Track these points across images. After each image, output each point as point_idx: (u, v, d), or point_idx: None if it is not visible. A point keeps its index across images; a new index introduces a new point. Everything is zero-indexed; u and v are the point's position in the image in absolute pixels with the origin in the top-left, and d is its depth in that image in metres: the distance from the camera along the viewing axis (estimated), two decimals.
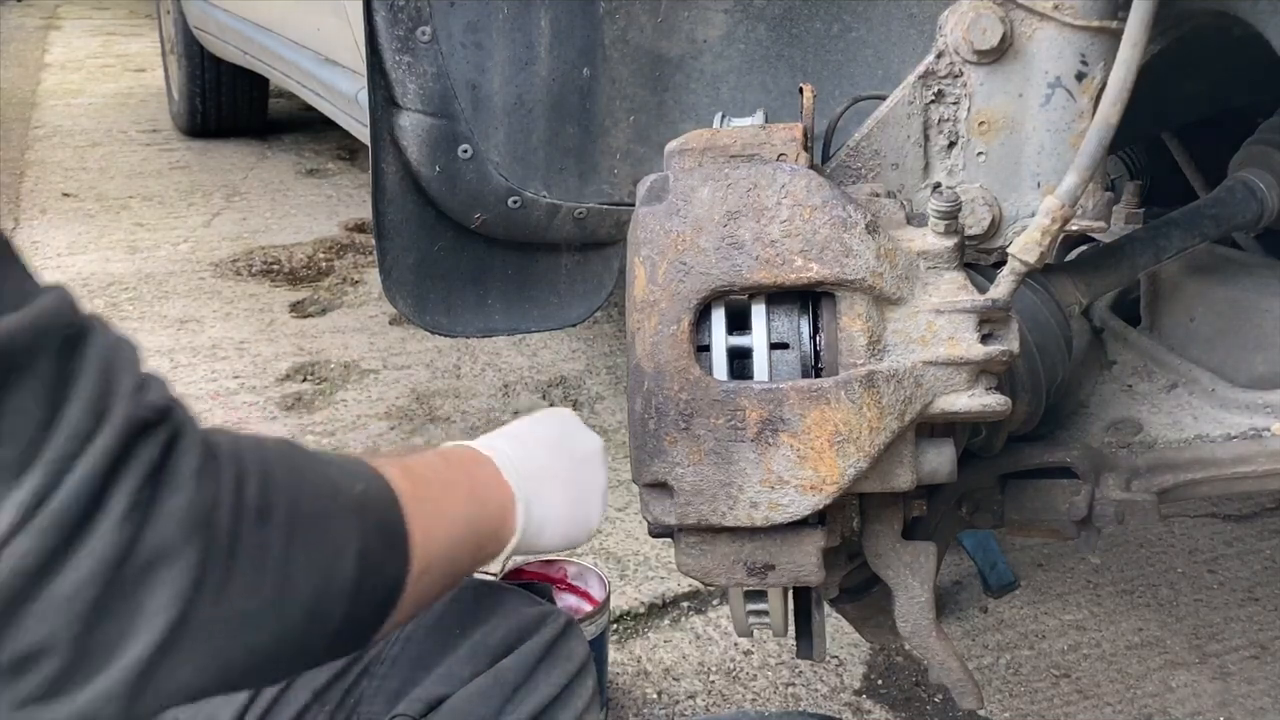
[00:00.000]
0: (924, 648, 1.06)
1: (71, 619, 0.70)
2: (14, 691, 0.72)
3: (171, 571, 0.72)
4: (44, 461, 0.68)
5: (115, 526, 0.70)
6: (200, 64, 4.99)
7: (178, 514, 0.73)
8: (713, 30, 1.51)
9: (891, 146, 1.12)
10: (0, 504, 0.67)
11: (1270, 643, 2.07)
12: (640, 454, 0.96)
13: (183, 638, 0.74)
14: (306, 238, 4.12)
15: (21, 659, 0.70)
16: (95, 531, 0.70)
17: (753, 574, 0.97)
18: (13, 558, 0.67)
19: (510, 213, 1.52)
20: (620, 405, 2.92)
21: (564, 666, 1.15)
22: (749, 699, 1.91)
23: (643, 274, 0.94)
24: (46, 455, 0.69)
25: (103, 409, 0.71)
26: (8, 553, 0.67)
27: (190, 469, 0.74)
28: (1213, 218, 1.33)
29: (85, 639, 0.71)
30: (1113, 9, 1.07)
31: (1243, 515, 2.46)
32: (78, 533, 0.69)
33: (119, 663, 0.72)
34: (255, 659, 0.80)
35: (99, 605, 0.70)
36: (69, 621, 0.70)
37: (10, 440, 0.68)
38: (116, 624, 0.71)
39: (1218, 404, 1.27)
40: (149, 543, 0.72)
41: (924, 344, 0.94)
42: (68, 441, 0.69)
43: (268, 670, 0.84)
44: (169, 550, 0.72)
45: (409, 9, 1.42)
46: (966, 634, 2.08)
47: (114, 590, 0.70)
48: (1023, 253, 0.97)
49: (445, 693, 1.10)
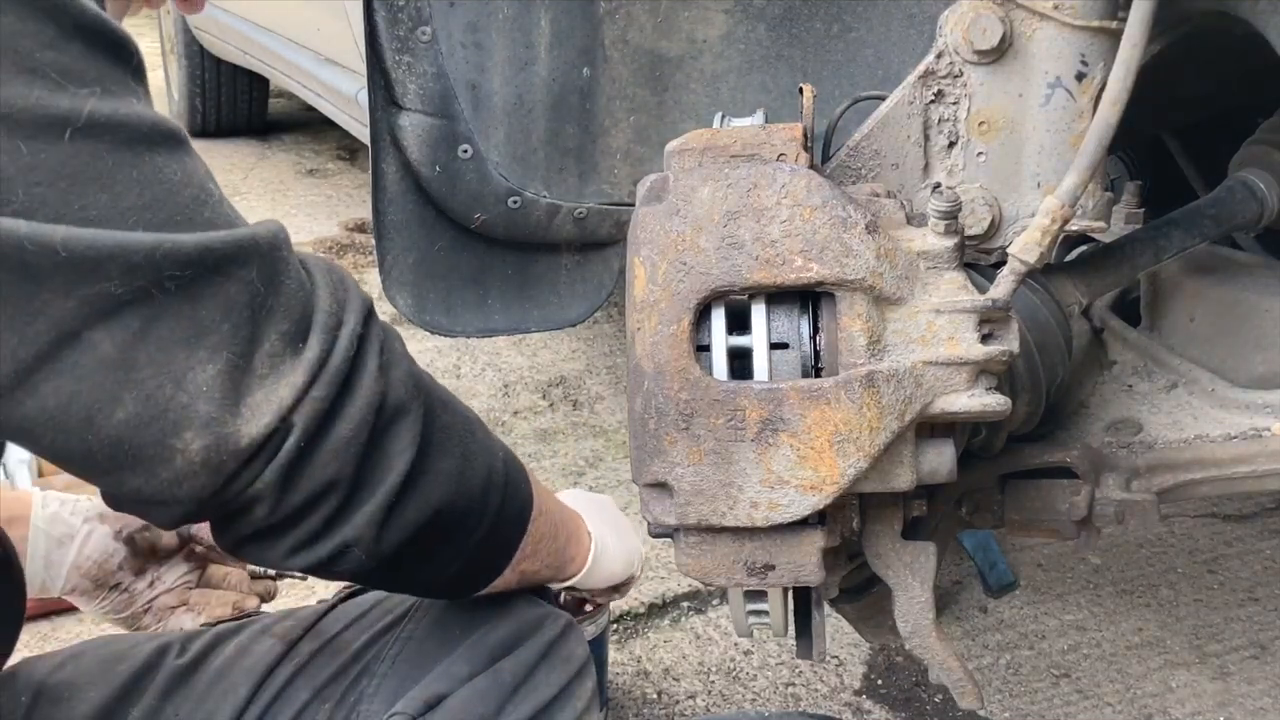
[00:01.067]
0: (924, 648, 1.06)
1: (353, 456, 0.86)
2: (293, 536, 0.88)
3: (407, 421, 0.90)
4: (318, 330, 0.85)
5: (372, 382, 0.87)
6: (200, 64, 4.99)
7: (405, 379, 0.91)
8: (713, 30, 1.51)
9: (891, 146, 1.12)
10: (294, 362, 0.83)
11: (1270, 643, 2.07)
12: (640, 454, 0.96)
13: (416, 476, 0.91)
14: (306, 238, 4.12)
15: (313, 497, 0.86)
16: (361, 386, 0.87)
17: (753, 574, 0.97)
18: (313, 403, 0.83)
19: (510, 213, 1.52)
20: (620, 405, 2.92)
21: (563, 667, 1.15)
22: (749, 699, 1.91)
23: (643, 274, 0.94)
24: (317, 326, 0.85)
25: (341, 296, 0.88)
26: (309, 399, 0.83)
27: (401, 350, 0.93)
28: (1213, 218, 1.33)
29: (361, 473, 0.87)
30: (1113, 9, 1.07)
31: (1243, 515, 2.46)
32: (350, 386, 0.86)
33: (377, 495, 0.89)
34: (451, 512, 0.96)
35: (369, 444, 0.87)
36: (352, 458, 0.86)
37: (287, 314, 0.83)
38: (377, 461, 0.88)
39: (1218, 404, 1.27)
40: (393, 397, 0.89)
41: (924, 344, 0.93)
42: (328, 316, 0.86)
43: (453, 532, 0.98)
44: (404, 405, 0.90)
45: (409, 9, 1.42)
46: (966, 634, 2.08)
47: (376, 433, 0.88)
48: (1023, 253, 0.97)
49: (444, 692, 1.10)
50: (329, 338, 0.85)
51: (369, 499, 0.88)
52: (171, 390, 0.78)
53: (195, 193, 0.81)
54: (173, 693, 1.17)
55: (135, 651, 1.20)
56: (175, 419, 0.79)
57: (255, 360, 0.81)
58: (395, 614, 1.20)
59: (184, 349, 0.78)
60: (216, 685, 1.17)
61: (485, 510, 1.00)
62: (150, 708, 1.15)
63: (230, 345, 0.80)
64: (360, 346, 0.87)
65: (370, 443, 0.87)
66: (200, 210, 0.81)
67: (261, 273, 0.82)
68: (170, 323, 0.78)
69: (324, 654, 1.18)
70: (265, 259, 0.83)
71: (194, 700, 1.16)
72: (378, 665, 1.16)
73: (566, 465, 2.65)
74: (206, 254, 0.79)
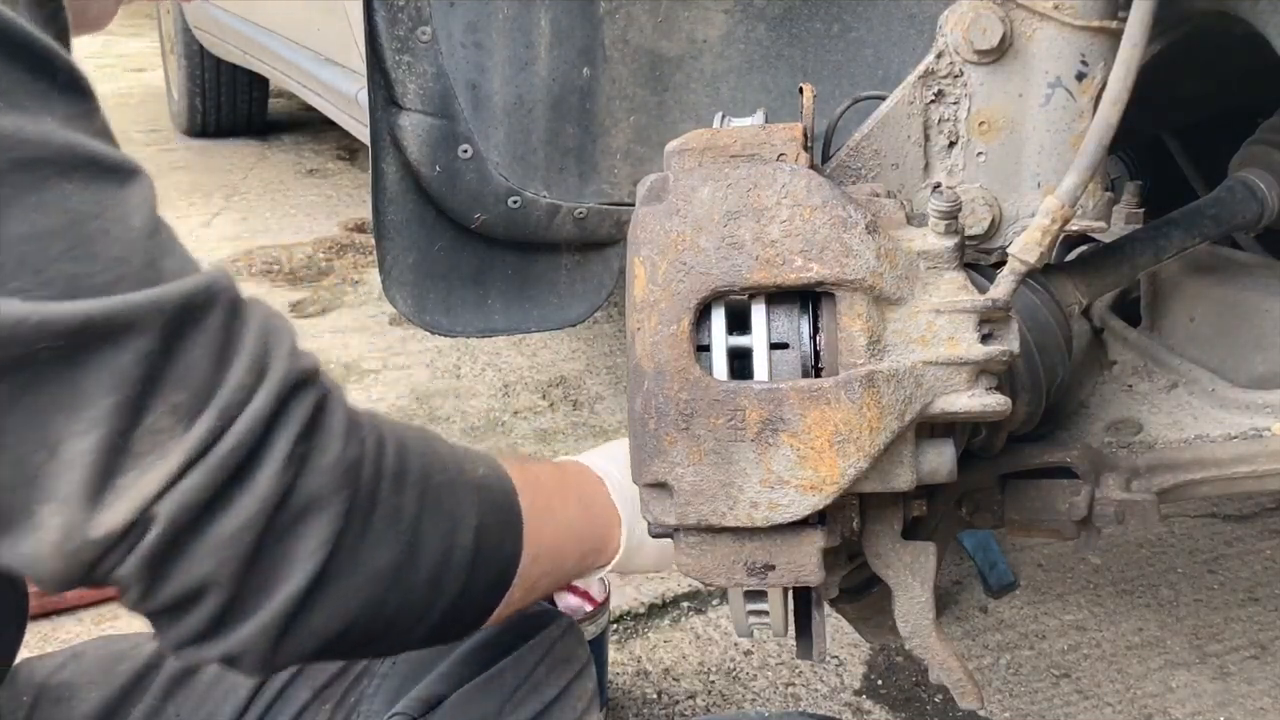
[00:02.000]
0: (924, 648, 1.06)
1: (234, 556, 0.75)
2: (176, 631, 0.78)
3: (321, 519, 0.78)
4: (214, 408, 0.74)
5: (276, 472, 0.76)
6: (200, 64, 4.99)
7: (328, 467, 0.79)
8: (713, 30, 1.51)
9: (891, 146, 1.12)
10: (174, 445, 0.73)
11: (1270, 643, 2.07)
12: (640, 454, 0.96)
13: (326, 583, 0.79)
14: (306, 238, 4.12)
15: (187, 595, 0.76)
16: (258, 476, 0.75)
17: (753, 574, 0.97)
18: (183, 494, 0.73)
19: (510, 213, 1.52)
20: (620, 405, 2.92)
21: (563, 668, 1.15)
22: (749, 699, 1.91)
23: (643, 274, 0.94)
24: (216, 403, 0.74)
25: (264, 366, 0.77)
26: (179, 489, 0.73)
27: (339, 427, 0.81)
28: (1213, 218, 1.33)
29: (245, 577, 0.76)
30: (1113, 9, 1.07)
31: (1243, 515, 2.46)
32: (242, 476, 0.75)
33: (271, 603, 0.78)
34: (379, 618, 0.84)
35: (259, 545, 0.76)
36: (232, 558, 0.75)
37: (184, 387, 0.73)
38: (272, 565, 0.77)
39: (1218, 404, 1.27)
40: (304, 490, 0.78)
41: (924, 344, 0.93)
42: (234, 392, 0.75)
43: (384, 634, 0.87)
44: (320, 499, 0.78)
45: (409, 9, 1.42)
46: (966, 634, 2.08)
47: (272, 532, 0.76)
48: (1023, 253, 0.97)
49: (444, 692, 1.10)
50: (223, 419, 0.74)
51: (260, 607, 0.77)
52: (44, 457, 0.71)
53: (115, 231, 0.73)
54: (173, 693, 1.17)
55: (136, 652, 1.20)
56: (43, 488, 0.71)
57: (135, 437, 0.72)
58: None
59: (62, 415, 0.71)
60: (217, 685, 1.17)
61: (435, 601, 0.88)
62: (151, 708, 1.16)
63: (111, 420, 0.71)
64: (268, 430, 0.76)
65: (263, 543, 0.76)
66: (110, 251, 0.72)
67: (164, 340, 0.73)
68: (48, 390, 0.70)
69: None
70: (174, 324, 0.73)
71: (195, 700, 1.16)
72: (378, 665, 1.16)
73: None
74: (88, 326, 0.70)
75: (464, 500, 0.90)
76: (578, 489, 1.12)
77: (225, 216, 4.35)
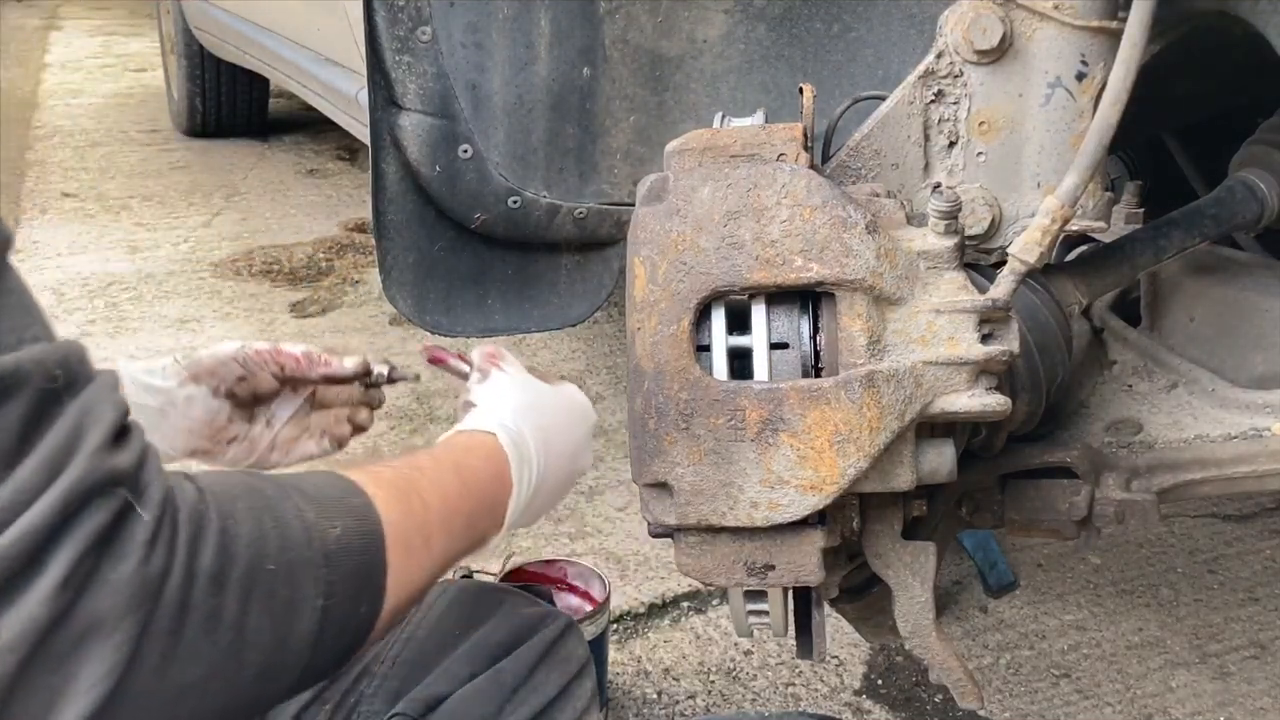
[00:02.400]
0: (924, 648, 1.06)
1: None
2: None
3: (106, 645, 0.67)
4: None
5: (51, 591, 0.65)
6: (200, 64, 4.99)
7: (119, 584, 0.68)
8: (713, 30, 1.51)
9: (891, 146, 1.12)
10: None
11: (1270, 643, 2.06)
12: (640, 454, 0.96)
13: (116, 713, 0.69)
14: (306, 238, 4.12)
15: None
16: (28, 595, 0.65)
17: (753, 574, 0.97)
18: None
19: (510, 213, 1.52)
20: (620, 405, 2.92)
21: (563, 668, 1.15)
22: (749, 699, 1.91)
23: (643, 274, 0.94)
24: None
25: (60, 466, 0.67)
26: None
27: (141, 537, 0.70)
28: (1213, 218, 1.33)
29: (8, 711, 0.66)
30: (1113, 9, 1.07)
31: (1243, 515, 2.46)
32: (10, 593, 0.65)
33: None
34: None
35: (22, 674, 0.65)
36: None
37: None
38: (40, 696, 0.67)
39: (1218, 404, 1.27)
40: (84, 613, 0.67)
41: (924, 344, 0.93)
42: (15, 494, 0.65)
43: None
44: (105, 622, 0.67)
45: (409, 9, 1.42)
46: (966, 634, 2.08)
47: (41, 660, 0.66)
48: (1023, 253, 0.97)
49: (444, 693, 1.10)
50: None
51: None
52: None
53: None
54: None
55: None
56: None
57: None
58: None
59: None
60: None
61: (268, 690, 0.80)
62: None
63: None
64: (48, 541, 0.66)
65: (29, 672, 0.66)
66: None
67: None
68: None
69: None
70: None
71: None
72: (377, 666, 1.15)
73: None
74: None
75: (305, 581, 0.79)
76: (461, 478, 1.02)
77: (225, 216, 4.35)
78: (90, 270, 3.75)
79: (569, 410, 1.19)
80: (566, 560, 1.89)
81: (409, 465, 0.97)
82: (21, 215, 4.28)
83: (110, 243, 4.03)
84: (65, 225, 4.19)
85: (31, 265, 3.82)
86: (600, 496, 2.52)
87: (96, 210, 4.37)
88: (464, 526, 0.99)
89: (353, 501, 0.87)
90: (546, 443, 1.11)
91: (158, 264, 3.83)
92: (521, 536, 2.35)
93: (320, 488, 0.86)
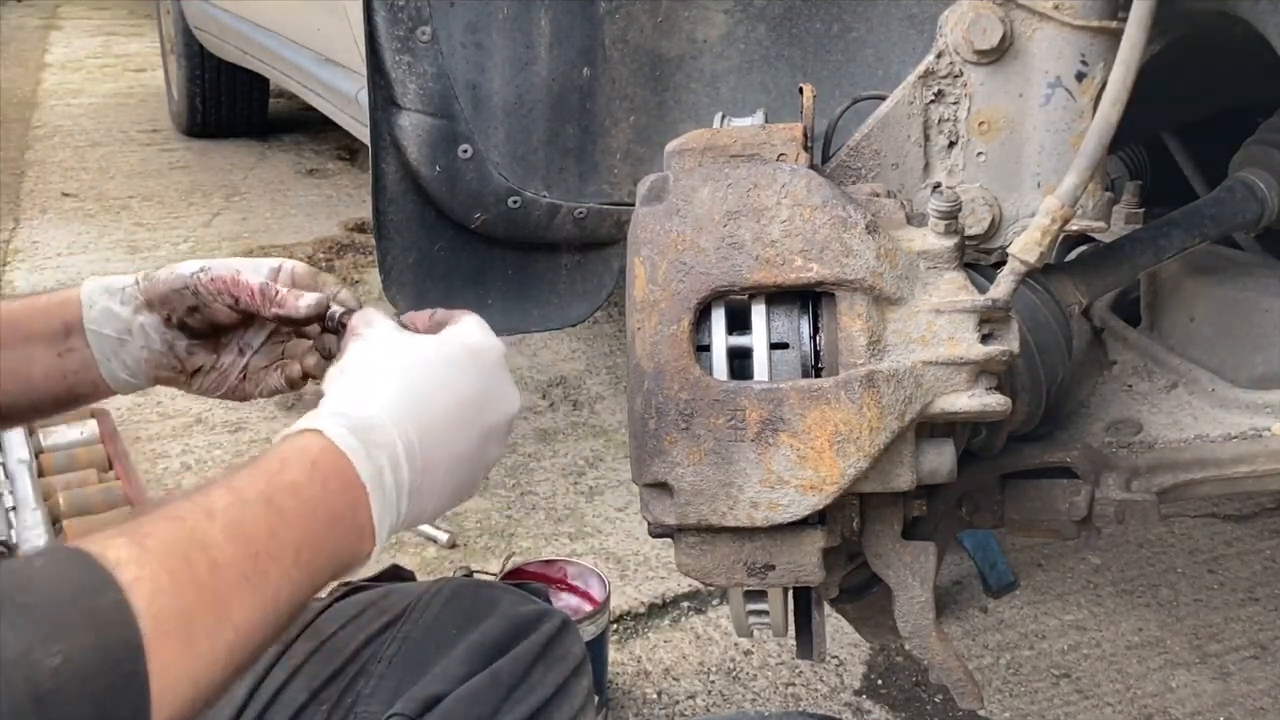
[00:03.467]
0: (924, 648, 1.06)
1: None
2: None
3: None
4: None
5: None
6: (200, 64, 4.99)
7: None
8: (713, 30, 1.51)
9: (891, 146, 1.12)
10: None
11: (1270, 643, 2.07)
12: (640, 454, 0.95)
13: None
14: (306, 238, 4.12)
15: None
16: None
17: (753, 574, 0.97)
18: None
19: (510, 213, 1.52)
20: (620, 405, 2.92)
21: (560, 666, 1.15)
22: (749, 699, 1.91)
23: (643, 274, 0.94)
24: None
25: None
26: None
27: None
28: (1213, 218, 1.33)
29: None
30: (1113, 9, 1.07)
31: (1243, 515, 2.46)
32: None
33: None
34: None
35: None
36: None
37: None
38: None
39: (1218, 404, 1.27)
40: None
41: (924, 344, 0.93)
42: None
43: None
44: None
45: (409, 9, 1.42)
46: (966, 634, 2.08)
47: None
48: (1023, 253, 0.97)
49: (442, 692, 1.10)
50: None
51: None
52: None
53: None
54: None
55: None
56: None
57: None
58: (391, 613, 1.20)
59: None
60: None
61: None
62: None
63: None
64: None
65: None
66: None
67: None
68: None
69: (320, 654, 1.18)
70: None
71: None
72: (374, 665, 1.15)
73: (566, 465, 2.65)
74: None
75: None
76: (274, 506, 0.82)
77: (225, 216, 4.35)
78: (90, 270, 3.74)
79: (458, 358, 0.98)
80: (566, 560, 1.89)
81: (196, 512, 0.78)
82: (21, 215, 4.28)
83: (110, 243, 4.03)
84: (65, 225, 4.19)
85: (31, 265, 3.82)
86: (600, 496, 2.52)
87: (96, 210, 4.37)
88: (299, 563, 0.81)
89: (96, 603, 0.69)
90: (421, 410, 0.91)
91: (158, 264, 3.82)
92: (521, 537, 2.35)
93: (56, 589, 0.68)
